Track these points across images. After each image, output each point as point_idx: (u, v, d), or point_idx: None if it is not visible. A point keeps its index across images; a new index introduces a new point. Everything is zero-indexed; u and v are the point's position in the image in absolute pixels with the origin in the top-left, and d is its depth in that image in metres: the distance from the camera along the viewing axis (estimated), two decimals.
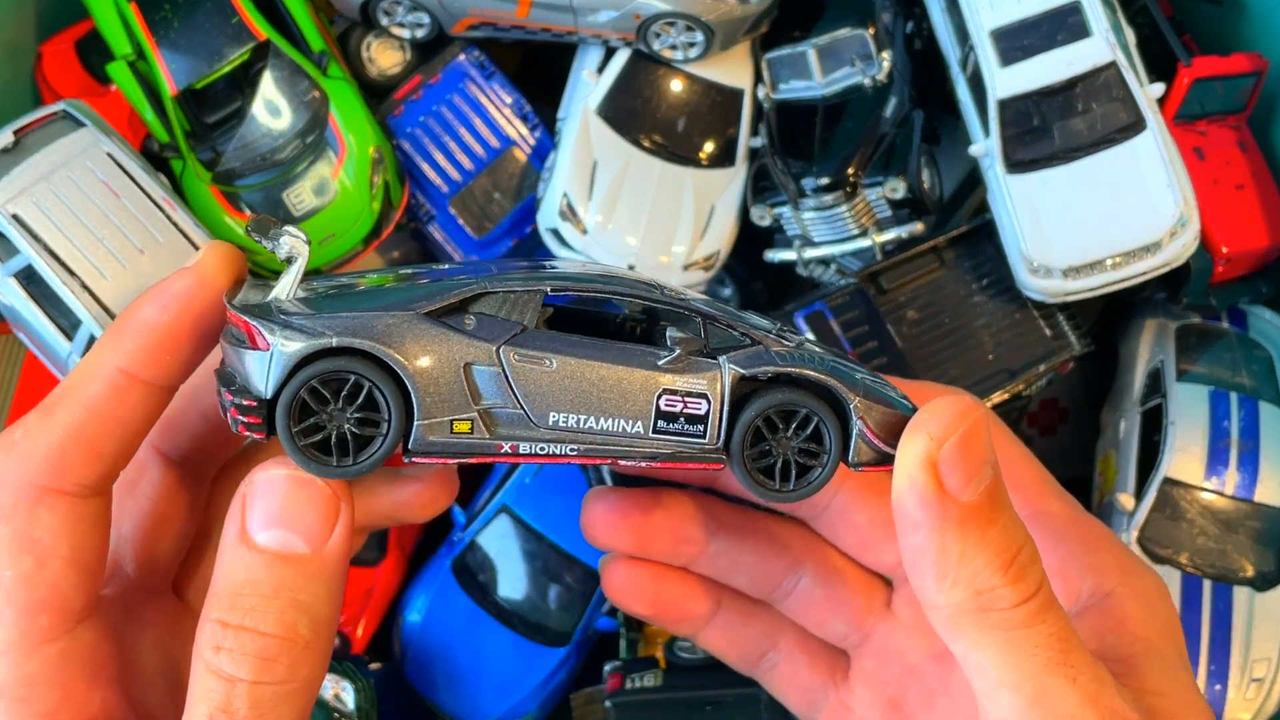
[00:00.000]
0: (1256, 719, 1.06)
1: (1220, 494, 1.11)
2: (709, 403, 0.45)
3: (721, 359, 0.46)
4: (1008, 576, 0.43)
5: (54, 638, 0.47)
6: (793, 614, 0.59)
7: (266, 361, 0.45)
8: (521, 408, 0.45)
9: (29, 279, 1.05)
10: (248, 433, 0.47)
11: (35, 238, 1.03)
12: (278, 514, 0.45)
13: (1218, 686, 1.06)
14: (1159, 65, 1.18)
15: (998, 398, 1.16)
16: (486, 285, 0.45)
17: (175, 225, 1.09)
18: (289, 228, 0.49)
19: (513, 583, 1.25)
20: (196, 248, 1.09)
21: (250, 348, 0.46)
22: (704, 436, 0.46)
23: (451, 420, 0.46)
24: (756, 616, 0.61)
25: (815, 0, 1.30)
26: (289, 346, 0.45)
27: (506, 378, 0.45)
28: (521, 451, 0.46)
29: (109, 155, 1.07)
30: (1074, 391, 1.37)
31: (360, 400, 0.46)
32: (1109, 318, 1.33)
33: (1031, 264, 1.11)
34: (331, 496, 0.46)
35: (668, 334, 0.46)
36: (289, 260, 0.49)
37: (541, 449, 0.46)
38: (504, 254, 1.30)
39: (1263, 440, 1.13)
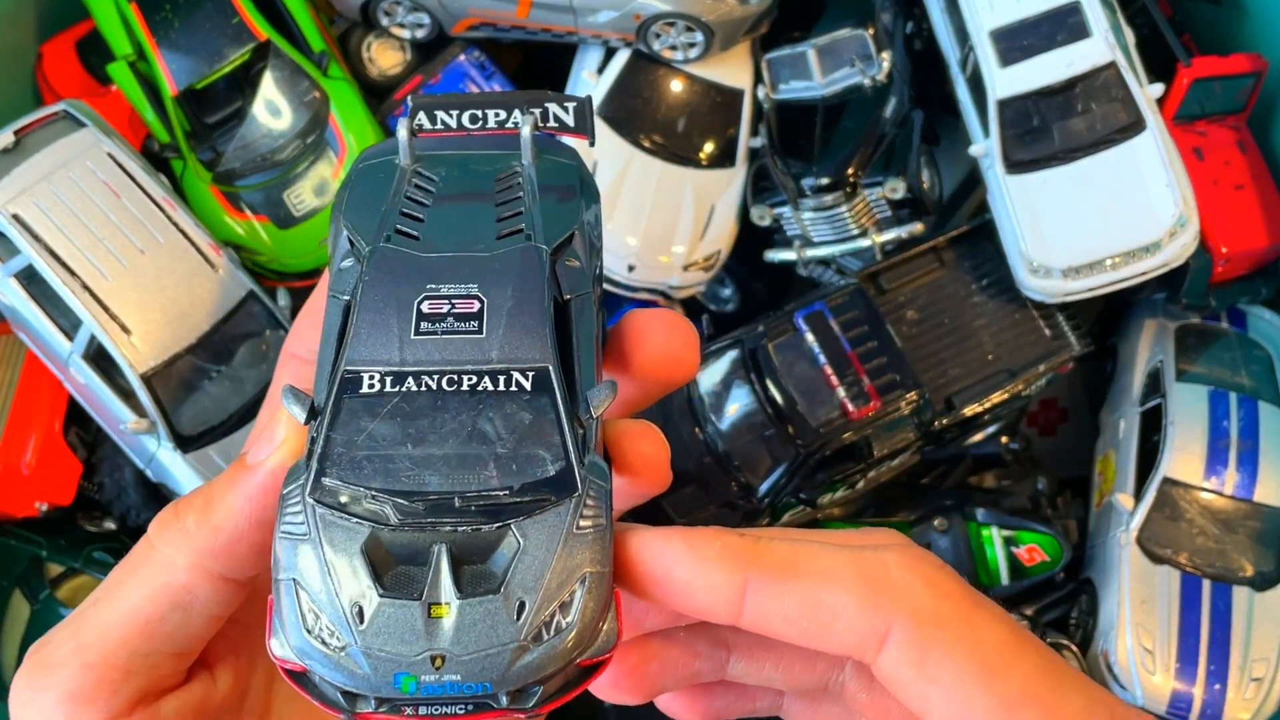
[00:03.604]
0: (1256, 719, 1.06)
1: (1219, 494, 1.11)
2: None
3: None
4: None
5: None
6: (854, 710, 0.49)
7: None
8: None
9: (30, 279, 1.05)
10: None
11: (36, 238, 1.03)
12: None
13: (1217, 686, 1.06)
14: (1159, 65, 1.18)
15: (997, 398, 1.16)
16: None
17: (175, 225, 1.09)
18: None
19: None
20: (197, 248, 1.10)
21: None
22: None
23: None
24: (822, 701, 0.51)
25: (815, 0, 1.30)
26: None
27: None
28: None
29: (109, 155, 1.08)
30: (1073, 391, 1.37)
31: None
32: (1108, 318, 1.33)
33: (1031, 264, 1.11)
34: (278, 428, 0.44)
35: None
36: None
37: None
38: None
39: (1262, 440, 1.13)
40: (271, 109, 1.19)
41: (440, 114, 0.49)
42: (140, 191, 1.08)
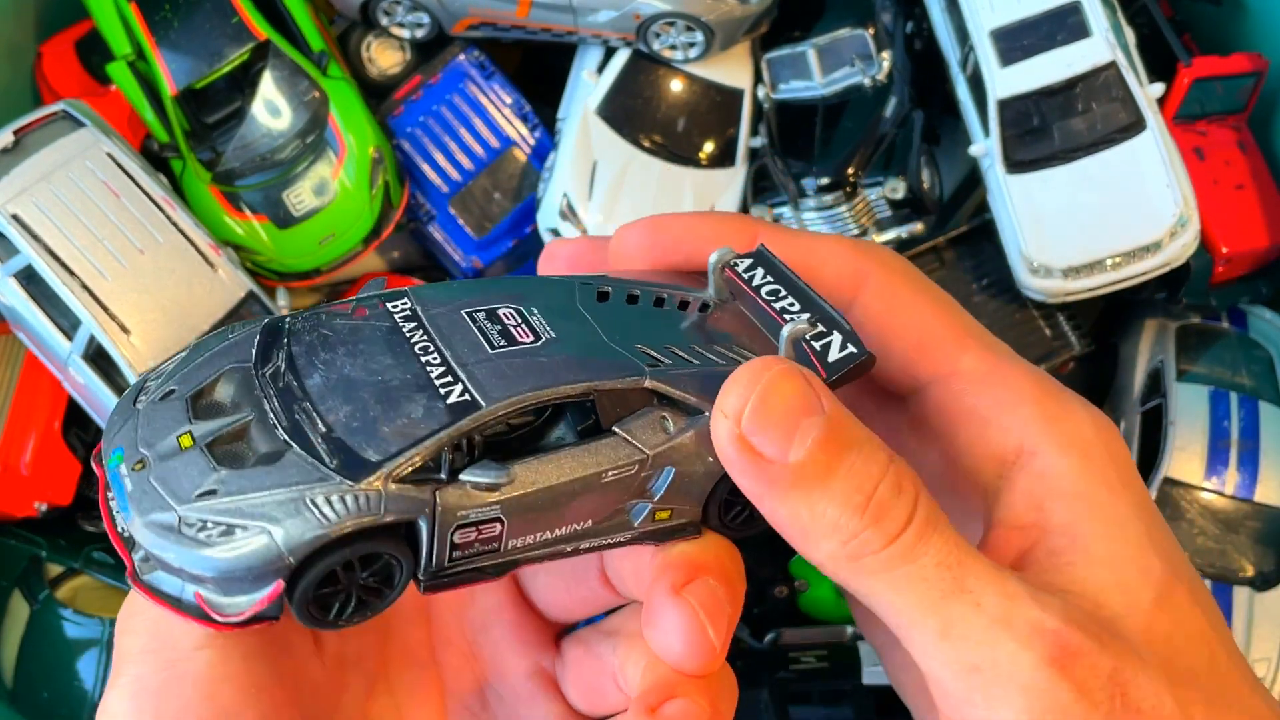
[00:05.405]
0: None
1: (1220, 494, 1.11)
2: None
3: None
4: (866, 520, 0.41)
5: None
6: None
7: None
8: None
9: (29, 279, 1.05)
10: None
11: (35, 238, 1.03)
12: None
13: None
14: (1159, 65, 1.18)
15: None
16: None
17: (175, 225, 1.09)
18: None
19: None
20: (196, 248, 1.09)
21: None
22: None
23: None
24: None
25: (815, 0, 1.30)
26: None
27: None
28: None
29: (109, 155, 1.08)
30: (1074, 391, 1.36)
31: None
32: (1109, 318, 1.33)
33: (1031, 264, 1.11)
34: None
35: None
36: None
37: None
38: (504, 254, 1.30)
39: (1263, 440, 1.13)
40: (271, 109, 1.19)
41: (759, 270, 0.52)
42: (140, 191, 1.08)
